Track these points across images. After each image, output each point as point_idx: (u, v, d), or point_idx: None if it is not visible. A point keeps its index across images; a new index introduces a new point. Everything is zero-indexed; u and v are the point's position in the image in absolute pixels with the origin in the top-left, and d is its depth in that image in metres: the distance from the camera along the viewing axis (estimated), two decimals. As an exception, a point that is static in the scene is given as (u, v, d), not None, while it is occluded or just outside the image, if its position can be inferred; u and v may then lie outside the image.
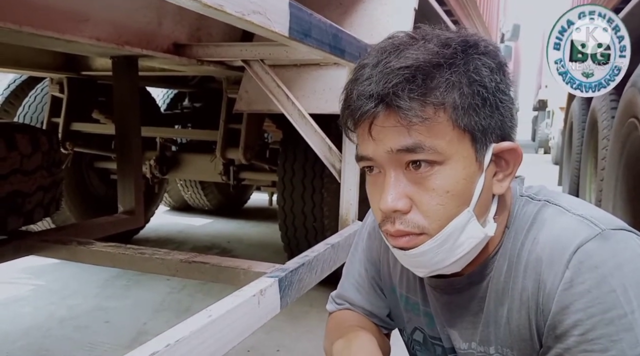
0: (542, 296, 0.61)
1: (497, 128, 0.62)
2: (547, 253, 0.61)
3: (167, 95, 4.32)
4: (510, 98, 0.63)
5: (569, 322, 0.58)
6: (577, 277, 0.57)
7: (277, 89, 1.80)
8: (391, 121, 0.59)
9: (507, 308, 0.66)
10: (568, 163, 5.36)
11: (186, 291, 2.83)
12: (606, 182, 2.82)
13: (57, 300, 2.66)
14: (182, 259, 1.51)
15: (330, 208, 2.55)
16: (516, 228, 0.67)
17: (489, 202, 0.65)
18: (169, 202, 4.96)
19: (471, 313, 0.70)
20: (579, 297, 0.57)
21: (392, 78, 0.57)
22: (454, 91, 0.58)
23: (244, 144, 2.87)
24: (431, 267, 0.65)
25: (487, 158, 0.62)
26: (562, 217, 0.63)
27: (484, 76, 0.60)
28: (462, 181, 0.60)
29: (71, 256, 1.65)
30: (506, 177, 0.64)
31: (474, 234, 0.62)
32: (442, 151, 0.59)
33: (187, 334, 0.85)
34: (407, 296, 0.81)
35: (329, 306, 0.94)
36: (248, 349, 2.12)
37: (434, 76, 0.58)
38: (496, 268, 0.67)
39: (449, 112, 0.59)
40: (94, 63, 2.70)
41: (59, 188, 1.92)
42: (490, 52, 0.62)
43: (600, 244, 0.58)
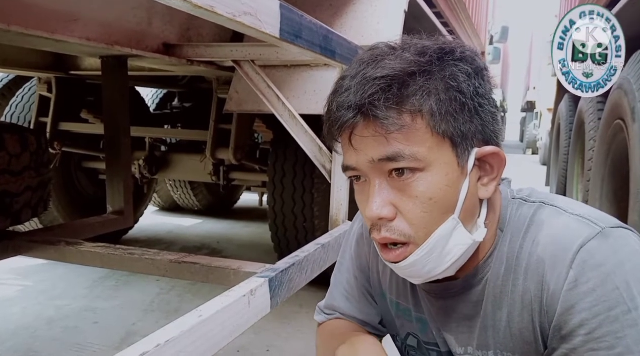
0: (545, 297, 0.61)
1: (479, 133, 0.62)
2: (549, 254, 0.61)
3: (157, 95, 4.30)
4: (491, 102, 0.63)
5: (574, 322, 0.58)
6: (582, 277, 0.57)
7: (267, 89, 1.80)
8: (370, 131, 0.60)
9: (506, 312, 0.65)
10: (555, 164, 5.41)
11: (175, 292, 2.82)
12: (593, 183, 2.86)
13: (45, 301, 2.64)
14: (172, 259, 1.51)
15: (321, 208, 2.56)
16: (512, 230, 0.66)
17: (476, 207, 0.64)
18: (158, 202, 4.94)
19: (467, 318, 0.70)
20: (584, 296, 0.57)
21: (369, 88, 0.58)
22: (430, 98, 0.59)
23: (234, 144, 2.87)
24: (424, 276, 0.65)
25: (470, 163, 0.62)
26: (561, 217, 0.63)
27: (460, 81, 0.60)
28: (445, 188, 0.60)
29: (59, 256, 1.64)
30: (491, 181, 0.64)
31: (461, 241, 0.62)
32: (423, 158, 0.59)
33: (177, 334, 0.85)
34: (398, 302, 0.80)
35: (318, 317, 0.92)
36: (238, 349, 2.12)
37: (410, 84, 0.59)
38: (492, 271, 0.67)
39: (427, 119, 0.59)
40: (83, 63, 2.68)
41: (47, 188, 1.90)
42: (467, 57, 0.62)
43: (601, 243, 0.58)
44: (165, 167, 3.46)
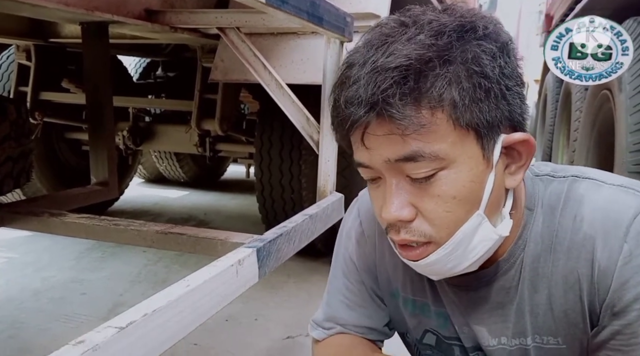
0: (596, 275, 0.57)
1: (505, 119, 0.56)
2: (600, 230, 0.57)
3: (140, 64, 4.21)
4: (518, 81, 0.57)
5: (629, 297, 0.55)
6: (637, 249, 0.55)
7: (253, 58, 1.76)
8: (385, 129, 0.53)
9: (546, 294, 0.62)
10: (541, 135, 5.45)
11: (163, 263, 2.82)
12: (578, 153, 2.88)
13: (30, 273, 2.62)
14: (158, 230, 1.49)
15: (308, 180, 2.55)
16: (544, 208, 0.62)
17: (502, 198, 0.60)
18: (144, 173, 4.89)
19: (500, 306, 0.66)
20: (639, 269, 0.55)
21: (381, 82, 0.51)
22: (451, 88, 0.52)
23: (220, 115, 2.82)
24: (445, 273, 0.62)
25: (497, 153, 0.56)
26: (601, 189, 0.60)
27: (485, 65, 0.53)
28: (469, 184, 0.55)
29: (43, 227, 1.61)
30: (519, 168, 0.59)
31: (486, 237, 0.58)
32: (445, 155, 0.54)
33: (165, 304, 0.85)
34: (414, 299, 0.75)
35: (315, 333, 0.83)
36: (226, 318, 2.14)
37: (428, 74, 0.52)
38: (527, 252, 0.63)
39: (448, 112, 0.53)
40: (63, 30, 2.59)
41: (28, 159, 1.86)
42: (491, 33, 0.55)
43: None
44: (150, 138, 3.41)
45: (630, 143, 1.85)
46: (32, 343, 1.91)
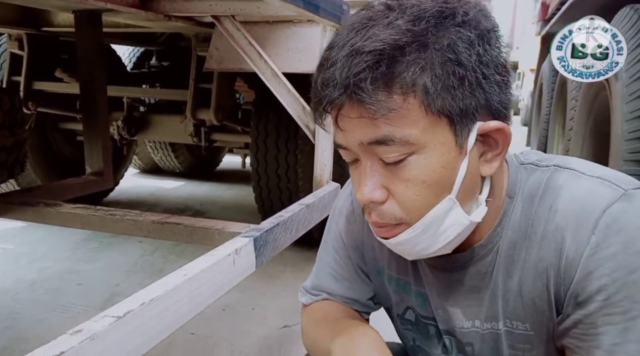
0: (563, 265, 0.58)
1: (482, 107, 0.56)
2: (572, 220, 0.58)
3: (134, 53, 4.16)
4: (499, 69, 0.57)
5: (592, 288, 0.56)
6: (604, 242, 0.55)
7: (249, 46, 1.75)
8: (357, 112, 0.55)
9: (517, 280, 0.63)
10: (537, 124, 5.46)
11: (159, 253, 2.82)
12: (573, 142, 2.89)
13: (26, 264, 2.61)
14: (155, 220, 1.49)
15: (305, 169, 2.55)
16: (524, 197, 0.63)
17: (477, 184, 0.61)
18: (139, 164, 4.87)
19: (476, 289, 0.67)
20: (604, 262, 0.55)
21: (355, 65, 0.52)
22: (424, 74, 0.52)
23: (215, 104, 2.81)
24: (416, 254, 0.63)
25: (471, 140, 0.57)
26: (580, 180, 0.60)
27: (460, 52, 0.53)
28: (440, 169, 0.56)
29: (38, 218, 1.61)
30: (495, 156, 0.60)
31: (457, 221, 0.59)
32: (415, 141, 0.55)
33: (162, 293, 0.85)
34: (398, 277, 0.77)
35: (303, 298, 0.87)
36: (223, 308, 2.14)
37: (401, 60, 0.52)
38: (503, 239, 0.64)
39: (420, 98, 0.53)
40: (56, 18, 2.56)
41: (22, 149, 1.85)
42: (470, 20, 0.55)
43: (625, 205, 0.56)
44: (145, 128, 3.39)
45: (626, 131, 1.86)
46: (29, 333, 1.91)
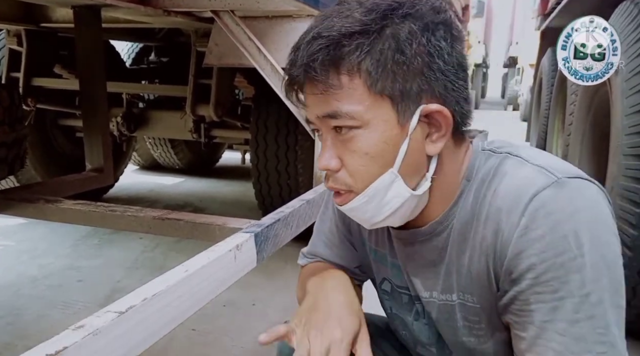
0: (499, 243, 0.63)
1: (425, 91, 0.63)
2: (507, 203, 0.63)
3: (132, 49, 4.15)
4: (446, 59, 0.63)
5: (523, 267, 0.60)
6: (532, 224, 0.59)
7: (248, 41, 1.74)
8: (314, 89, 0.64)
9: (468, 257, 0.68)
10: (536, 119, 5.45)
11: (160, 249, 2.82)
12: (573, 137, 2.89)
13: (27, 260, 2.62)
14: (156, 216, 1.49)
15: (305, 165, 2.54)
16: (478, 180, 0.68)
17: (422, 162, 0.66)
18: (138, 160, 4.86)
19: (433, 263, 0.73)
20: (533, 243, 0.59)
21: (312, 49, 0.61)
22: (367, 58, 0.60)
23: (214, 100, 2.80)
24: (367, 222, 0.70)
25: (414, 120, 0.63)
26: (522, 167, 0.65)
27: (401, 40, 0.61)
28: (382, 144, 0.63)
29: (39, 214, 1.61)
30: (440, 138, 0.65)
31: (399, 193, 0.66)
32: (359, 116, 0.62)
33: (164, 288, 0.85)
34: (376, 249, 0.84)
35: (301, 260, 0.97)
36: (224, 304, 2.15)
37: (348, 45, 0.60)
38: (457, 219, 0.69)
39: (364, 79, 0.61)
40: (54, 14, 2.55)
41: (22, 145, 1.85)
42: (416, 13, 0.62)
43: (555, 192, 0.60)
44: (144, 124, 3.38)
45: (626, 125, 1.85)
46: (31, 329, 1.91)
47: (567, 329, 0.58)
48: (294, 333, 0.70)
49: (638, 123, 1.80)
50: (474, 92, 15.21)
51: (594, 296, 0.58)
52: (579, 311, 0.58)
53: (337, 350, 0.66)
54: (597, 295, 0.58)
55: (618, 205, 1.81)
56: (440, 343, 0.79)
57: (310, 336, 0.67)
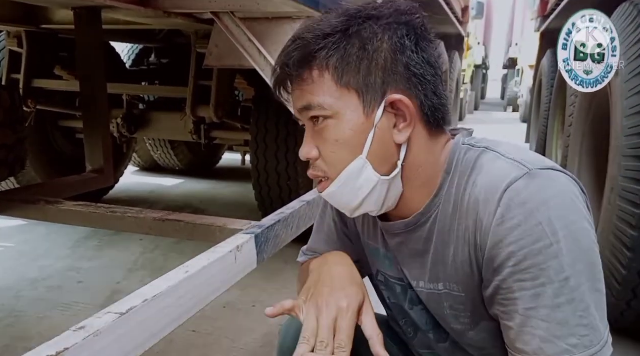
0: (479, 234, 0.66)
1: (390, 84, 0.68)
2: (483, 195, 0.66)
3: (133, 50, 4.15)
4: (410, 54, 0.68)
5: (503, 255, 0.63)
6: (508, 213, 0.62)
7: (248, 43, 1.75)
8: (293, 86, 0.72)
9: (453, 247, 0.71)
10: (536, 120, 5.45)
11: (160, 251, 2.82)
12: (573, 139, 2.89)
13: (27, 262, 2.61)
14: (156, 217, 1.49)
15: (304, 166, 2.54)
16: (459, 173, 0.71)
17: (391, 150, 0.71)
18: (138, 162, 4.86)
19: (420, 254, 0.76)
20: (510, 232, 0.62)
21: (289, 49, 0.70)
22: (335, 55, 0.67)
23: (215, 101, 2.80)
24: (347, 207, 0.75)
25: (380, 110, 0.68)
26: (497, 161, 0.68)
27: (365, 39, 0.67)
28: (349, 131, 0.69)
29: (40, 215, 1.61)
30: (406, 127, 0.70)
31: (369, 178, 0.70)
32: (329, 107, 0.69)
33: (165, 290, 0.85)
34: (369, 242, 0.87)
35: (301, 258, 1.00)
36: (224, 305, 2.15)
37: (319, 45, 0.68)
38: (441, 210, 0.72)
39: (331, 74, 0.68)
40: (55, 15, 2.55)
41: (23, 146, 1.85)
42: (378, 14, 0.69)
43: (527, 182, 0.63)
44: (145, 125, 3.38)
45: (626, 127, 1.85)
46: (31, 331, 1.91)
47: (550, 314, 0.60)
48: (300, 308, 0.72)
49: (638, 124, 1.80)
50: (474, 93, 15.21)
51: (573, 281, 0.60)
52: (560, 296, 0.60)
53: (343, 319, 0.69)
54: (575, 279, 0.60)
55: (618, 206, 1.81)
56: (437, 328, 0.81)
57: (317, 307, 0.70)
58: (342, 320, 0.68)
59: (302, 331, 0.68)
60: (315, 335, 0.68)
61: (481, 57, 16.79)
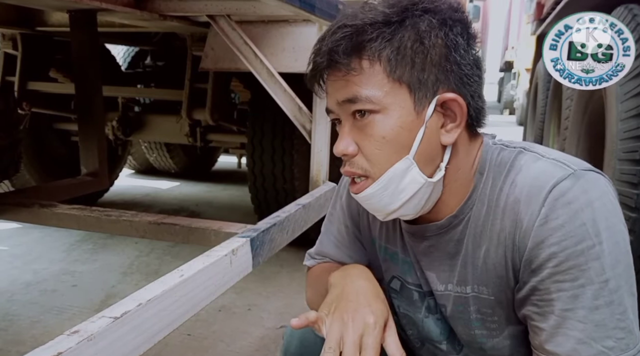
0: (519, 234, 0.64)
1: (441, 82, 0.65)
2: (525, 194, 0.64)
3: (128, 53, 4.14)
4: (461, 54, 0.66)
5: (543, 256, 0.61)
6: (552, 213, 0.61)
7: (244, 46, 1.74)
8: (336, 76, 0.67)
9: (484, 249, 0.69)
10: (532, 124, 5.47)
11: (155, 254, 2.81)
12: (568, 141, 2.90)
13: (21, 265, 2.60)
14: (151, 221, 1.49)
15: (301, 169, 2.54)
16: (493, 173, 0.70)
17: (437, 151, 0.68)
18: (134, 164, 4.85)
19: (449, 256, 0.74)
20: (553, 232, 0.61)
21: (336, 36, 0.65)
22: (388, 45, 0.64)
23: (210, 104, 2.80)
24: (382, 210, 0.71)
25: (430, 109, 0.65)
26: (538, 161, 0.67)
27: (421, 31, 0.64)
28: (398, 128, 0.65)
29: (34, 219, 1.60)
30: (455, 128, 0.67)
31: (415, 180, 0.67)
32: (378, 101, 0.65)
33: (159, 293, 0.85)
34: (387, 246, 0.85)
35: (308, 262, 0.97)
36: (219, 308, 2.14)
37: (371, 33, 0.64)
38: (474, 211, 0.70)
39: (384, 66, 0.64)
40: (50, 18, 2.55)
41: (17, 149, 1.84)
42: (435, 9, 0.65)
43: (573, 183, 0.62)
44: (140, 128, 3.38)
45: (621, 130, 1.86)
46: (25, 335, 1.90)
47: (588, 316, 0.59)
48: (323, 322, 0.70)
49: (633, 128, 1.81)
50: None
51: (613, 283, 0.59)
52: (599, 298, 0.59)
53: (370, 336, 0.66)
54: (615, 282, 0.59)
55: (613, 209, 1.81)
56: (452, 338, 0.79)
57: (343, 322, 0.67)
58: (369, 337, 0.66)
59: (325, 342, 0.66)
60: (339, 348, 0.65)
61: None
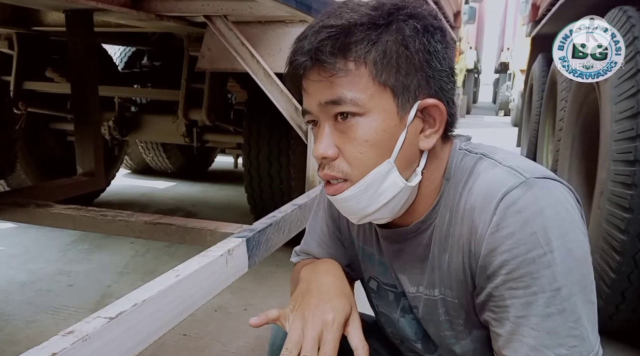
0: (474, 240, 0.65)
1: (423, 87, 0.66)
2: (480, 202, 0.65)
3: (125, 53, 4.14)
4: (441, 61, 0.66)
5: (496, 263, 0.62)
6: (503, 221, 0.62)
7: (241, 46, 1.75)
8: (319, 76, 0.65)
9: (448, 254, 0.71)
10: (527, 125, 5.49)
11: (151, 254, 2.81)
12: (563, 142, 2.91)
13: (16, 265, 2.59)
14: (147, 221, 1.49)
15: (297, 170, 2.54)
16: (456, 180, 0.71)
17: (415, 156, 0.69)
18: (130, 164, 4.84)
19: (419, 260, 0.76)
20: (504, 240, 0.61)
21: (320, 36, 0.63)
22: (374, 48, 0.63)
23: (207, 104, 2.80)
24: (359, 213, 0.71)
25: (411, 113, 0.66)
26: (494, 168, 0.67)
27: (406, 36, 0.64)
28: (381, 132, 0.65)
29: (29, 219, 1.60)
30: (433, 133, 0.68)
31: (394, 183, 0.68)
32: (362, 104, 0.64)
33: (155, 294, 0.85)
34: (364, 247, 0.86)
35: (294, 258, 1.00)
36: (215, 308, 2.14)
37: (357, 34, 0.63)
38: (439, 217, 0.72)
39: (370, 68, 0.64)
40: (46, 17, 2.54)
41: (13, 149, 1.84)
42: (418, 14, 0.66)
43: (524, 191, 0.62)
44: (136, 128, 3.37)
45: (615, 131, 1.87)
46: (20, 335, 1.90)
47: (540, 323, 0.60)
48: (286, 317, 0.72)
49: (627, 128, 1.82)
50: (466, 97, 15.28)
51: (565, 291, 0.59)
52: (550, 306, 0.60)
53: (329, 332, 0.68)
54: (567, 289, 0.60)
55: (607, 210, 1.82)
56: (426, 339, 0.81)
57: (303, 319, 0.69)
58: (328, 333, 0.68)
59: (285, 343, 0.68)
60: (299, 346, 0.67)
61: (473, 61, 16.88)
